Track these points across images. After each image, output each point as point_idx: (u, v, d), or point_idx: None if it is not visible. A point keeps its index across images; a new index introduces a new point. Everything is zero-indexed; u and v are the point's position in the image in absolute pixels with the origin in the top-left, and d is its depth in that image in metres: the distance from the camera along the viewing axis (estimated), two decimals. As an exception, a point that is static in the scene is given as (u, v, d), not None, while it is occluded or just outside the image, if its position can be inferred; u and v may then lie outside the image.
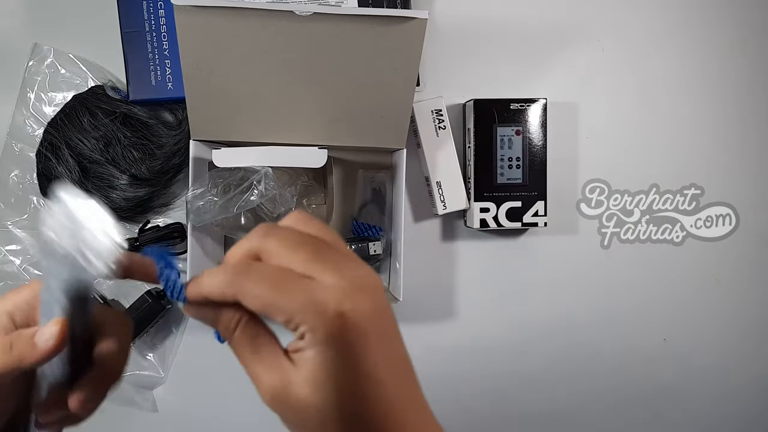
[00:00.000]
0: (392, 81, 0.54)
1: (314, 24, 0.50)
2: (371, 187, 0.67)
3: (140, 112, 0.63)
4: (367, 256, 0.64)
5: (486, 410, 0.72)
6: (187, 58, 0.52)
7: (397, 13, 0.50)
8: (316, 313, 0.26)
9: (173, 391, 0.68)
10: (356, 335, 0.26)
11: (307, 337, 0.26)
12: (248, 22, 0.50)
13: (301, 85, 0.54)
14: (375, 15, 0.50)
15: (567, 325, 0.72)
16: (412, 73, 0.54)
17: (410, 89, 0.55)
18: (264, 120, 0.56)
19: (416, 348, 0.72)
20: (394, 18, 0.50)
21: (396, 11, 0.50)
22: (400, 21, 0.50)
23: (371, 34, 0.51)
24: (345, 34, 0.51)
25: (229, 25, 0.50)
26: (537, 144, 0.65)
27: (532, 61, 0.70)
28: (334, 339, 0.26)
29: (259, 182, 0.55)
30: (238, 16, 0.50)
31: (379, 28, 0.51)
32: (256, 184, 0.55)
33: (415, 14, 0.50)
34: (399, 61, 0.53)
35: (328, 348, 0.26)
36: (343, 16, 0.50)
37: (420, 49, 0.52)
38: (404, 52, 0.52)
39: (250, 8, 0.49)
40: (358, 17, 0.50)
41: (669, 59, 0.71)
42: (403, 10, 0.51)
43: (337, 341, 0.26)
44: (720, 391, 0.74)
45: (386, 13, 0.50)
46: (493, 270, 0.71)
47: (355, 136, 0.58)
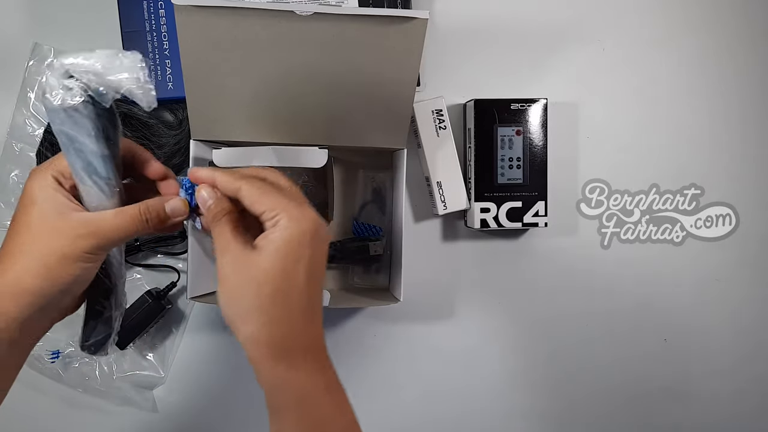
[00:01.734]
0: (393, 81, 0.54)
1: (315, 24, 0.50)
2: (372, 187, 0.67)
3: (140, 111, 0.63)
4: (367, 257, 0.64)
5: (486, 410, 0.72)
6: (187, 58, 0.52)
7: (397, 13, 0.50)
8: (287, 208, 0.38)
9: (173, 391, 0.68)
10: (309, 230, 0.38)
11: (280, 218, 0.37)
12: (249, 22, 0.50)
13: (302, 85, 0.54)
14: (376, 15, 0.50)
15: (567, 324, 0.72)
16: (412, 74, 0.54)
17: (411, 89, 0.55)
18: (264, 120, 0.56)
19: (416, 347, 0.73)
20: (394, 18, 0.50)
21: (397, 11, 0.50)
22: (401, 21, 0.50)
23: (372, 34, 0.51)
24: (345, 34, 0.51)
25: (230, 25, 0.50)
26: (537, 144, 0.65)
27: (532, 61, 0.70)
28: (296, 220, 0.38)
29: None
30: (239, 15, 0.50)
31: (380, 28, 0.51)
32: None
33: (415, 14, 0.50)
34: (399, 61, 0.53)
35: (291, 225, 0.37)
36: (344, 16, 0.50)
37: (421, 49, 0.52)
38: (405, 52, 0.52)
39: (250, 8, 0.49)
40: (358, 17, 0.50)
41: (669, 59, 0.71)
42: (404, 10, 0.51)
43: (297, 222, 0.38)
44: (720, 391, 0.74)
45: (387, 13, 0.50)
46: (494, 270, 0.71)
47: (356, 136, 0.58)
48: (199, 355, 0.68)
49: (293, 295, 0.38)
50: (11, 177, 0.64)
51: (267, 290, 0.37)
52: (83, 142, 0.37)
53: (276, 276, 0.37)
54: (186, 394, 0.68)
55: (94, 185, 0.39)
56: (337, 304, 0.60)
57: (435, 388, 0.71)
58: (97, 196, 0.39)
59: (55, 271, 0.37)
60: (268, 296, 0.37)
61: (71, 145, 0.37)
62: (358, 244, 0.64)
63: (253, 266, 0.37)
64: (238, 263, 0.37)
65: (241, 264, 0.37)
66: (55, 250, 0.37)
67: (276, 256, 0.37)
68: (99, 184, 0.39)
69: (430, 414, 0.71)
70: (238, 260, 0.37)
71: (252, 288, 0.37)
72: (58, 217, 0.38)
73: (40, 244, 0.37)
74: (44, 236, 0.38)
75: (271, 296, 0.37)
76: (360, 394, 0.71)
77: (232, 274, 0.37)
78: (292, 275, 0.37)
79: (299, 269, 0.38)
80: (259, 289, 0.37)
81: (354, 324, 0.70)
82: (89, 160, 0.38)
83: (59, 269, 0.38)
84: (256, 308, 0.37)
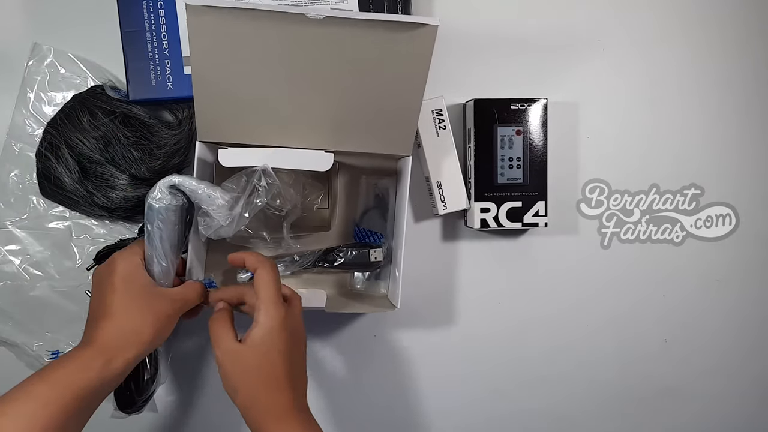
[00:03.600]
0: (401, 87, 0.54)
1: (326, 27, 0.50)
2: (374, 193, 0.66)
3: (140, 111, 0.63)
4: (367, 263, 0.64)
5: (486, 410, 0.72)
6: (197, 58, 0.52)
7: (408, 19, 0.50)
8: (266, 307, 0.50)
9: (173, 391, 0.68)
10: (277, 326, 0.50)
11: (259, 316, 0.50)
12: (260, 24, 0.50)
13: (310, 88, 0.54)
14: (386, 20, 0.50)
15: (567, 325, 0.72)
16: (420, 80, 0.54)
17: (418, 96, 0.55)
18: (271, 122, 0.56)
19: (415, 347, 0.73)
20: (405, 24, 0.50)
21: (408, 17, 0.50)
22: (412, 27, 0.50)
23: (382, 39, 0.51)
24: (356, 38, 0.51)
25: (240, 26, 0.50)
26: (537, 144, 0.65)
27: (532, 61, 0.70)
28: (270, 318, 0.50)
29: (259, 180, 0.55)
30: (250, 17, 0.49)
31: (390, 34, 0.50)
32: (257, 182, 0.55)
33: (426, 21, 0.50)
34: (408, 68, 0.53)
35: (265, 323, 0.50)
36: (355, 20, 0.50)
37: (429, 56, 0.52)
38: (414, 59, 0.52)
39: (261, 10, 0.49)
40: (369, 22, 0.50)
41: (669, 59, 0.71)
42: (415, 17, 0.50)
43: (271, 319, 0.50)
44: (720, 391, 0.74)
45: (398, 19, 0.50)
46: (494, 270, 0.71)
47: (362, 142, 0.58)
48: (199, 355, 0.68)
49: (272, 375, 0.50)
50: (11, 177, 0.64)
51: (252, 375, 0.50)
52: (173, 228, 0.53)
53: (258, 363, 0.50)
54: (186, 393, 0.69)
55: (170, 264, 0.54)
56: (334, 309, 0.60)
57: (435, 387, 0.71)
58: (165, 272, 0.54)
59: (164, 327, 0.52)
60: (253, 378, 0.50)
61: (161, 233, 0.53)
62: (359, 249, 0.64)
63: (241, 356, 0.50)
64: (231, 354, 0.50)
65: (233, 354, 0.50)
66: (162, 311, 0.51)
67: (257, 350, 0.50)
68: (171, 263, 0.55)
69: (431, 414, 0.71)
70: (230, 351, 0.50)
71: (240, 372, 0.50)
72: (155, 289, 0.52)
73: (151, 307, 0.51)
74: (152, 301, 0.51)
75: (255, 377, 0.50)
76: (360, 393, 0.71)
77: (227, 362, 0.50)
78: (270, 360, 0.50)
79: (275, 356, 0.50)
80: (245, 374, 0.50)
81: (354, 324, 0.70)
82: (173, 245, 0.54)
83: (167, 326, 0.52)
84: (245, 385, 0.50)
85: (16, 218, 0.65)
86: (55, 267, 0.65)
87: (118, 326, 0.49)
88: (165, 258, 0.53)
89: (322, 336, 0.70)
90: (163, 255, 0.53)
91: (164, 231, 0.53)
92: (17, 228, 0.65)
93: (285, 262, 0.63)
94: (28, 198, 0.64)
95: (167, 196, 0.52)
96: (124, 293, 0.50)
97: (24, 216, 0.65)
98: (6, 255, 0.64)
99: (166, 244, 0.53)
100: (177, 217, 0.53)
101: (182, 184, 0.52)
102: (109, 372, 0.48)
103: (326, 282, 0.67)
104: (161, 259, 0.53)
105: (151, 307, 0.51)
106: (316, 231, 0.66)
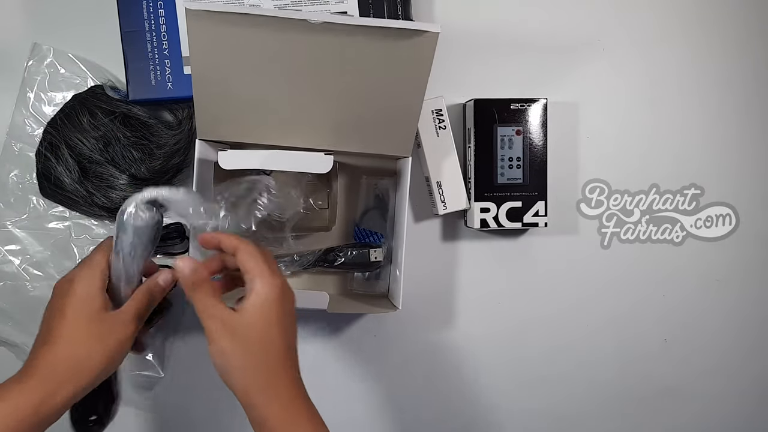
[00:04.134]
0: (401, 91, 0.54)
1: (325, 33, 0.50)
2: (374, 193, 0.66)
3: (140, 111, 0.63)
4: (367, 263, 0.64)
5: (486, 409, 0.72)
6: (196, 60, 0.52)
7: (409, 26, 0.50)
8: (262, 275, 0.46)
9: (173, 391, 0.68)
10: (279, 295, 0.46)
11: (255, 284, 0.45)
12: (260, 29, 0.50)
13: (310, 92, 0.54)
14: (386, 27, 0.50)
15: (567, 325, 0.72)
16: (421, 84, 0.54)
17: (419, 99, 0.55)
18: (272, 122, 0.56)
19: (416, 347, 0.72)
20: (405, 31, 0.50)
21: (408, 24, 0.50)
22: (412, 34, 0.50)
23: (382, 45, 0.51)
24: (356, 44, 0.51)
25: (240, 31, 0.50)
26: (537, 144, 0.65)
27: (532, 61, 0.69)
28: (269, 286, 0.45)
29: (261, 195, 0.55)
30: (250, 22, 0.49)
31: (391, 40, 0.50)
32: (259, 197, 0.55)
33: (427, 27, 0.50)
34: (408, 73, 0.53)
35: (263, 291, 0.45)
36: (355, 26, 0.50)
37: (430, 62, 0.52)
38: (414, 64, 0.52)
39: (261, 15, 0.49)
40: (369, 28, 0.50)
41: (669, 59, 0.71)
42: (416, 23, 0.50)
43: (270, 288, 0.45)
44: (720, 391, 0.74)
45: (398, 26, 0.50)
46: (494, 270, 0.71)
47: (362, 142, 0.58)
48: (198, 355, 0.68)
49: (272, 348, 0.45)
50: (11, 177, 0.64)
51: (252, 347, 0.45)
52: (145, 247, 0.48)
53: (257, 334, 0.45)
54: (186, 393, 0.68)
55: (136, 282, 0.50)
56: (335, 309, 0.60)
57: (435, 387, 0.71)
58: (129, 290, 0.49)
59: (116, 354, 0.46)
60: (252, 351, 0.45)
61: (133, 251, 0.48)
62: (359, 249, 0.64)
63: (240, 328, 0.44)
64: (227, 326, 0.45)
65: (229, 327, 0.44)
66: (113, 337, 0.46)
67: (255, 319, 0.45)
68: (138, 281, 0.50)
69: (431, 414, 0.71)
70: (226, 324, 0.45)
71: (240, 346, 0.44)
72: (107, 315, 0.46)
73: (100, 335, 0.46)
74: (103, 327, 0.46)
75: (255, 351, 0.45)
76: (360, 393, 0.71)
77: (223, 336, 0.44)
78: (269, 332, 0.45)
79: (273, 326, 0.45)
80: (246, 346, 0.44)
81: (354, 324, 0.70)
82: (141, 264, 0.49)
83: (119, 352, 0.47)
84: (244, 360, 0.45)
85: (16, 218, 0.65)
86: (55, 267, 0.65)
87: (62, 355, 0.44)
88: (133, 277, 0.49)
89: (322, 336, 0.70)
90: (133, 274, 0.49)
91: (137, 248, 0.48)
92: (17, 228, 0.65)
93: (285, 262, 0.63)
94: (28, 198, 0.64)
95: (145, 213, 0.47)
96: (73, 320, 0.45)
97: (24, 216, 0.65)
98: (6, 255, 0.64)
99: (135, 264, 0.48)
100: (153, 234, 0.48)
101: (163, 198, 0.47)
102: (47, 408, 0.42)
103: (326, 282, 0.67)
104: (131, 277, 0.49)
105: (100, 335, 0.45)
106: (317, 231, 0.66)
